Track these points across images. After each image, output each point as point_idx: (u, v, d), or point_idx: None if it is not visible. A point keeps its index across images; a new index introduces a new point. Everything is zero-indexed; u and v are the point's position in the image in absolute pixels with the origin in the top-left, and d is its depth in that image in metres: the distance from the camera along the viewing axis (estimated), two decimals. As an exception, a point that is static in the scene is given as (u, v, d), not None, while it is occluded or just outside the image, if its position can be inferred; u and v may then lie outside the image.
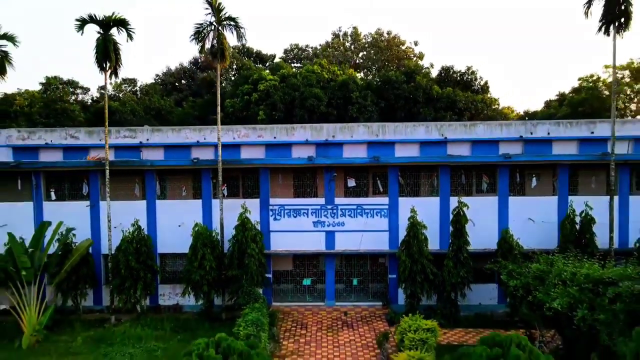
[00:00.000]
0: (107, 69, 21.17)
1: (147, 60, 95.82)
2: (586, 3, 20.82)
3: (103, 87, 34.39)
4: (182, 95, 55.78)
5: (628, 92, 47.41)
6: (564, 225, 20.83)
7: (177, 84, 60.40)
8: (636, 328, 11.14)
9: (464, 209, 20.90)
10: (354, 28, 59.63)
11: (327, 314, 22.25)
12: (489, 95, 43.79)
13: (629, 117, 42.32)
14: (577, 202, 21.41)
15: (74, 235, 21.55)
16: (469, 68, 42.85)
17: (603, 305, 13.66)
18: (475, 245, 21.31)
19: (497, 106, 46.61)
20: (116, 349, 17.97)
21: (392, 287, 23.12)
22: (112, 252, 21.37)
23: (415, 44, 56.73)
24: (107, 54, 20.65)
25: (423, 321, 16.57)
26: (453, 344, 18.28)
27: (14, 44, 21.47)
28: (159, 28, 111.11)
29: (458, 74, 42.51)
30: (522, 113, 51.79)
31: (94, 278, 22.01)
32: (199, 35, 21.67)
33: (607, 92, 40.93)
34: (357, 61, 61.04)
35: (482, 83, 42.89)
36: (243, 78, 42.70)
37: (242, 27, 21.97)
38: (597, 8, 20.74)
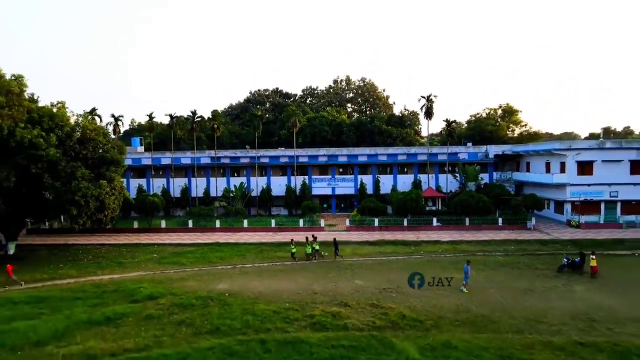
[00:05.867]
0: (256, 131, 61.79)
1: (210, 92, 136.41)
2: (421, 108, 61.15)
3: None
4: (240, 122, 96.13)
5: (501, 123, 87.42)
6: (413, 183, 61.43)
7: (235, 114, 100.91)
8: (405, 199, 50.86)
9: (380, 178, 61.62)
10: (347, 76, 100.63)
11: (332, 215, 62.73)
12: (416, 127, 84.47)
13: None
14: (420, 176, 62.20)
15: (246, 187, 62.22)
16: (403, 113, 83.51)
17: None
18: (383, 191, 61.88)
19: (419, 133, 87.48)
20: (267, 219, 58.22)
21: (355, 206, 63.52)
22: (259, 194, 61.85)
23: (384, 90, 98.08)
24: (257, 126, 61.26)
25: (360, 208, 57.15)
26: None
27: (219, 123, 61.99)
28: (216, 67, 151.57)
29: (398, 117, 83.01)
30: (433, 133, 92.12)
31: (250, 203, 62.49)
32: (288, 120, 62.20)
33: (487, 122, 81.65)
34: (350, 98, 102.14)
35: (410, 121, 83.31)
36: (287, 117, 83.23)
37: (304, 116, 62.42)
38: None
